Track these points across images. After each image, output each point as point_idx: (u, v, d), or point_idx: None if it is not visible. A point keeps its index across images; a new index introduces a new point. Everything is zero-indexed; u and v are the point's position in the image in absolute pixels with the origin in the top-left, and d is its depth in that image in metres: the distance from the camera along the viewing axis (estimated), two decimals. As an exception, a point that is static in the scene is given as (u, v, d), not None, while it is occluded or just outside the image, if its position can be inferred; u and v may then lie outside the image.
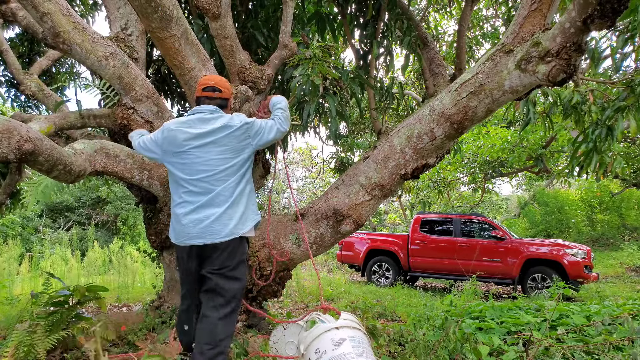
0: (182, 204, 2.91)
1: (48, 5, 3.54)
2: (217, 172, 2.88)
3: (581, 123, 5.03)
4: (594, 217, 20.99)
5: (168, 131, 2.96)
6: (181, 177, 2.91)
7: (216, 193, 2.85)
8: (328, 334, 2.58)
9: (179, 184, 2.94)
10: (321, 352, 2.50)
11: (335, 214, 3.91)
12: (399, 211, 24.36)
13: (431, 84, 5.56)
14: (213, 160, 2.88)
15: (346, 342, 2.51)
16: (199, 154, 2.88)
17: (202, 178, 2.87)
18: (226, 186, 2.88)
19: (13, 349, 3.03)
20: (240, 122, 2.95)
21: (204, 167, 2.87)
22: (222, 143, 2.90)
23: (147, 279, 9.58)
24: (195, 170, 2.88)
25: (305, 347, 2.63)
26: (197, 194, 2.87)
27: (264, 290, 4.16)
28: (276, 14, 5.58)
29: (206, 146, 2.89)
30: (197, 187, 2.87)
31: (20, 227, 16.40)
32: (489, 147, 11.95)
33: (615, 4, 2.51)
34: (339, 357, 2.42)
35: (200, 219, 2.83)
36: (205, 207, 2.85)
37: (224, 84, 3.11)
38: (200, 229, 2.82)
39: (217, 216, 2.83)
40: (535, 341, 3.20)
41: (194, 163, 2.88)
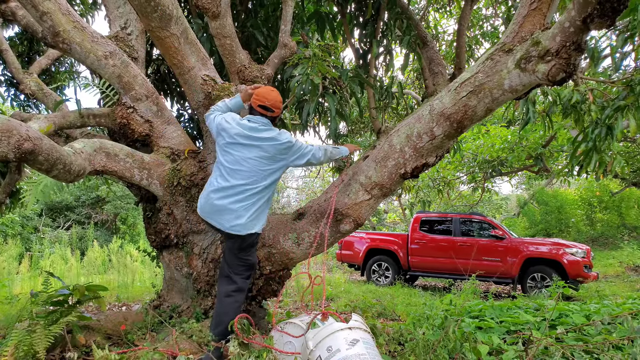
0: (213, 184, 3.38)
1: (47, 4, 3.54)
2: (251, 171, 3.33)
3: (581, 122, 5.03)
4: (594, 216, 21.01)
5: (228, 123, 3.41)
6: (222, 162, 3.38)
7: (243, 186, 3.31)
8: (341, 333, 2.62)
9: (218, 167, 3.41)
10: (334, 350, 2.52)
11: (335, 213, 3.91)
12: (398, 210, 24.37)
13: (431, 83, 5.56)
14: (252, 160, 3.33)
15: (360, 344, 2.55)
16: (243, 151, 3.34)
17: (237, 170, 3.32)
18: (253, 185, 3.33)
19: (13, 348, 3.03)
20: (285, 139, 3.40)
21: (243, 162, 3.32)
22: (264, 149, 3.35)
23: (146, 278, 9.58)
24: (235, 161, 3.33)
25: (316, 343, 2.64)
26: (228, 181, 3.32)
27: (263, 289, 4.17)
28: (276, 13, 5.58)
29: (251, 147, 3.34)
30: (231, 175, 3.32)
31: (20, 227, 16.40)
32: (489, 147, 11.96)
33: (614, 3, 2.50)
34: (354, 356, 2.45)
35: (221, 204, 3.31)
36: (230, 195, 3.31)
37: (277, 104, 3.48)
38: (218, 211, 3.32)
39: (235, 207, 3.30)
40: (535, 340, 3.20)
41: (236, 155, 3.34)
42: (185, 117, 6.39)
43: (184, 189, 3.99)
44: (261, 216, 3.47)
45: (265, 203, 3.47)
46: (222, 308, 3.34)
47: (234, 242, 3.43)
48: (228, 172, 3.33)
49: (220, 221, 3.34)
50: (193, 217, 4.09)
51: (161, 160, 4.11)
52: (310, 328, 2.83)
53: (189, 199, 4.02)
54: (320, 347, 2.61)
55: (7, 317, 4.65)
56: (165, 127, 4.36)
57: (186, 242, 4.22)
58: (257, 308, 4.35)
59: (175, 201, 4.07)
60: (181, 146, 4.32)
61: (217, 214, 3.34)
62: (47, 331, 3.20)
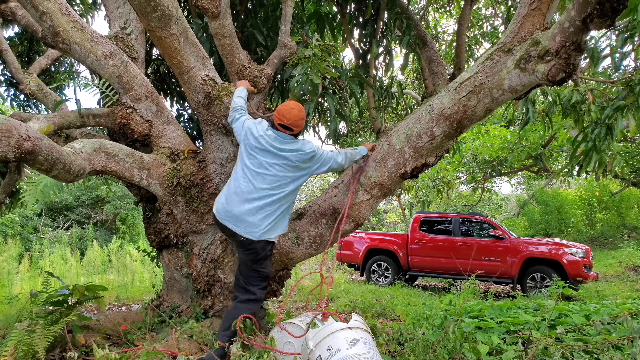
0: (236, 186, 3.34)
1: (47, 4, 3.54)
2: (275, 176, 3.32)
3: (580, 122, 5.03)
4: (593, 216, 21.01)
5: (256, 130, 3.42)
6: (247, 164, 3.36)
7: (266, 191, 3.29)
8: (342, 332, 2.61)
9: (242, 169, 3.38)
10: (334, 350, 2.52)
11: (335, 213, 3.91)
12: (398, 210, 24.38)
13: (430, 83, 5.56)
14: (277, 166, 3.33)
15: (360, 343, 2.54)
16: (268, 157, 3.34)
17: (262, 173, 3.31)
18: (276, 190, 3.32)
19: (12, 348, 3.03)
20: (309, 150, 3.40)
21: (268, 167, 3.32)
22: (289, 159, 3.35)
23: (146, 278, 9.58)
24: (259, 164, 3.33)
25: (316, 343, 2.63)
26: (252, 183, 3.30)
27: (263, 289, 4.17)
28: (275, 13, 5.57)
29: (276, 156, 3.34)
30: (255, 179, 3.31)
31: (20, 226, 16.39)
32: (489, 147, 11.96)
33: (614, 3, 2.51)
34: (354, 356, 2.45)
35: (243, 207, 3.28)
36: (253, 199, 3.28)
37: (297, 122, 3.41)
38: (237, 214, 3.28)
39: (256, 211, 3.28)
40: (535, 340, 3.20)
41: (262, 160, 3.33)
42: (185, 117, 6.39)
43: (183, 189, 3.99)
44: (280, 223, 3.42)
45: (285, 210, 3.44)
46: (236, 314, 3.21)
47: (249, 253, 3.37)
48: (253, 175, 3.32)
49: (238, 224, 3.28)
50: (193, 217, 4.09)
51: (161, 160, 4.11)
52: (310, 328, 2.84)
53: (188, 199, 4.02)
54: (321, 346, 2.61)
55: (7, 317, 4.64)
56: (165, 127, 4.36)
57: (186, 242, 4.22)
58: (257, 308, 4.35)
59: (175, 201, 4.07)
60: (181, 146, 4.32)
61: (236, 217, 3.29)
62: (46, 331, 3.20)
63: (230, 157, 4.02)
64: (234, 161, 4.03)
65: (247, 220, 3.27)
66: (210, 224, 4.12)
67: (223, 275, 4.11)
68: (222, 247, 4.18)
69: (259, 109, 4.40)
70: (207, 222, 4.10)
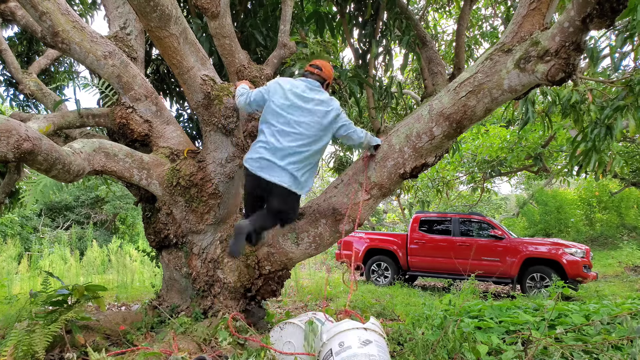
0: (265, 144, 3.44)
1: (47, 4, 3.54)
2: (301, 134, 3.41)
3: (580, 122, 5.03)
4: (593, 216, 21.02)
5: (278, 84, 3.52)
6: (273, 124, 3.44)
7: (293, 149, 3.40)
8: (356, 331, 2.64)
9: (269, 127, 3.47)
10: (345, 346, 2.56)
11: (334, 213, 3.91)
12: (397, 210, 24.38)
13: (430, 83, 5.56)
14: (304, 124, 3.42)
15: (372, 345, 2.57)
16: (296, 114, 3.43)
17: (289, 132, 3.40)
18: (303, 148, 3.43)
19: (12, 348, 3.03)
20: (335, 106, 3.53)
21: (295, 125, 3.41)
22: (315, 113, 3.44)
23: (145, 278, 9.58)
24: (287, 123, 3.41)
25: (329, 337, 2.67)
26: (280, 142, 3.40)
27: (262, 289, 4.17)
28: (275, 13, 5.58)
29: (304, 110, 3.43)
30: (283, 136, 3.40)
31: (19, 226, 16.37)
32: (488, 147, 11.96)
33: (614, 3, 2.51)
34: (363, 356, 2.48)
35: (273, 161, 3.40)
36: (283, 157, 3.40)
37: (327, 66, 3.65)
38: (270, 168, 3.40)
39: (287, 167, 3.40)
40: (534, 340, 3.20)
41: (289, 117, 3.42)
42: (185, 117, 6.39)
43: (183, 189, 3.99)
44: (308, 181, 3.58)
45: (312, 168, 3.60)
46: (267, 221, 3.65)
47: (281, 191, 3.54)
48: (280, 133, 3.41)
49: (271, 173, 3.41)
50: (192, 217, 4.08)
51: (160, 160, 4.11)
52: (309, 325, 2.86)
53: (188, 199, 4.02)
54: (333, 341, 2.64)
55: (7, 317, 4.64)
56: (164, 127, 4.36)
57: (185, 242, 4.22)
58: (257, 308, 4.35)
59: (175, 201, 4.07)
60: (180, 146, 4.32)
61: (269, 169, 3.42)
62: (46, 331, 3.20)
63: (230, 157, 4.02)
64: (233, 161, 4.03)
65: (279, 173, 3.41)
66: (210, 224, 4.12)
67: (223, 275, 4.11)
68: (221, 247, 4.18)
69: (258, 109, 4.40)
70: (207, 222, 4.10)
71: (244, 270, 4.13)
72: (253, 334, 3.54)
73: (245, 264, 4.12)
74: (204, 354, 3.23)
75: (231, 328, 3.02)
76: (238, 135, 4.04)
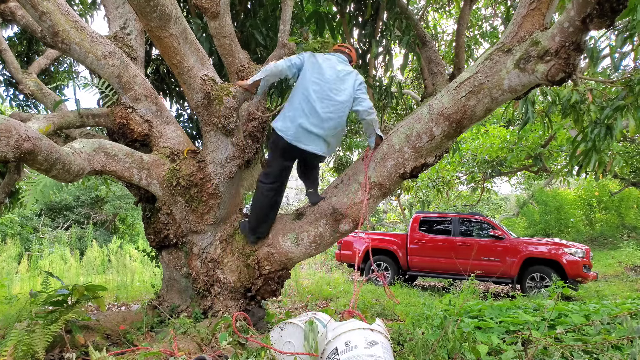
0: (301, 112, 3.70)
1: (47, 4, 3.54)
2: (335, 102, 3.73)
3: (580, 122, 5.03)
4: (593, 216, 21.02)
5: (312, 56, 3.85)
6: (309, 92, 3.71)
7: (328, 116, 3.70)
8: (362, 332, 2.64)
9: (305, 97, 3.72)
10: (352, 345, 2.56)
11: (334, 213, 3.91)
12: (397, 210, 24.37)
13: (430, 83, 5.56)
14: (335, 91, 3.74)
15: (378, 346, 2.56)
16: (330, 82, 3.74)
17: (324, 99, 3.70)
18: (336, 114, 3.74)
19: (12, 348, 3.03)
20: (361, 78, 3.89)
21: (330, 93, 3.72)
22: (346, 82, 3.79)
23: (145, 278, 9.57)
24: (322, 91, 3.71)
25: (335, 336, 2.67)
26: (316, 110, 3.68)
27: (262, 289, 4.17)
28: (275, 13, 5.58)
29: (336, 80, 3.76)
30: (318, 104, 3.68)
31: (19, 226, 16.37)
32: (488, 147, 11.95)
33: (613, 3, 2.51)
34: (369, 356, 2.47)
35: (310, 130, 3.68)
36: (317, 124, 3.69)
37: (354, 50, 4.17)
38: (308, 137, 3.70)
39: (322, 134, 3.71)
40: (534, 340, 3.20)
41: (324, 86, 3.72)
42: (185, 117, 6.39)
43: (183, 189, 3.99)
44: (337, 145, 4.07)
45: (340, 132, 3.89)
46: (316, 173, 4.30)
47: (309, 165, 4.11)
48: (316, 101, 3.68)
49: (308, 143, 3.70)
50: (192, 217, 4.08)
51: (160, 160, 4.11)
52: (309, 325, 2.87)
53: (188, 199, 4.02)
54: (339, 340, 2.64)
55: (7, 317, 4.64)
56: (164, 127, 4.36)
57: (185, 242, 4.22)
58: (257, 308, 4.35)
59: (175, 201, 4.07)
60: (180, 146, 4.32)
61: (307, 139, 3.70)
62: (46, 331, 3.20)
63: (230, 157, 4.02)
64: (233, 161, 4.03)
65: (317, 141, 3.72)
66: (210, 224, 4.12)
67: (223, 275, 4.11)
68: (221, 247, 4.18)
69: (258, 109, 4.40)
70: (207, 222, 4.10)
71: (244, 270, 4.13)
72: (253, 333, 3.54)
73: (245, 264, 4.12)
74: (204, 354, 3.23)
75: (234, 328, 3.02)
76: (238, 135, 4.04)
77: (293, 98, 3.80)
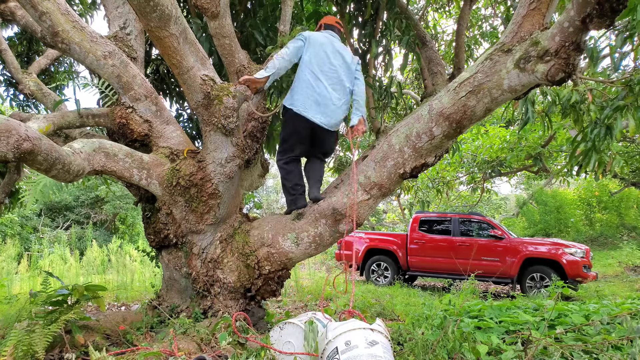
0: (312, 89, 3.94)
1: (46, 4, 3.54)
2: (340, 77, 4.02)
3: (580, 122, 5.03)
4: (593, 216, 21.02)
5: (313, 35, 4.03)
6: (316, 70, 3.95)
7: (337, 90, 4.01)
8: (363, 331, 2.65)
9: (313, 74, 3.95)
10: (352, 345, 2.56)
11: (334, 213, 3.91)
12: (397, 210, 24.38)
13: (430, 83, 5.56)
14: (339, 67, 4.03)
15: (379, 346, 2.57)
16: (333, 59, 4.00)
17: (331, 76, 3.97)
18: (343, 88, 4.05)
19: (12, 348, 3.03)
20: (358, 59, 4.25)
21: (335, 68, 4.00)
22: (345, 58, 4.08)
23: (145, 278, 9.57)
24: (328, 68, 3.97)
25: (335, 336, 2.67)
26: (325, 86, 3.94)
27: (262, 289, 4.17)
28: (275, 13, 5.58)
29: (337, 56, 4.03)
30: (326, 81, 3.95)
31: (19, 226, 16.38)
32: (488, 147, 11.96)
33: (613, 3, 2.51)
34: (369, 356, 2.48)
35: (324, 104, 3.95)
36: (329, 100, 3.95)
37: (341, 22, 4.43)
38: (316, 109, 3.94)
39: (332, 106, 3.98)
40: (534, 340, 3.20)
41: (327, 62, 3.98)
42: (184, 117, 6.39)
43: (183, 189, 3.99)
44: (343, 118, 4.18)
45: (345, 106, 4.12)
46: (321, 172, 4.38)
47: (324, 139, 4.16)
48: (324, 78, 3.94)
49: (314, 115, 3.93)
50: (192, 217, 4.08)
51: (160, 160, 4.11)
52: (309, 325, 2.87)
53: (188, 199, 4.02)
54: (339, 339, 2.64)
55: (6, 317, 4.64)
56: (164, 127, 4.36)
57: (185, 242, 4.22)
58: (256, 308, 4.35)
59: (174, 201, 4.07)
60: (180, 146, 4.31)
61: (314, 110, 3.93)
62: (46, 331, 3.20)
63: (230, 157, 4.01)
64: (233, 161, 4.03)
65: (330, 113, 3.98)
66: (210, 224, 4.12)
67: (222, 275, 4.11)
68: (221, 247, 4.18)
69: (258, 109, 4.40)
70: (207, 222, 4.10)
71: (244, 270, 4.13)
72: (253, 333, 3.54)
73: (245, 264, 4.12)
74: (204, 354, 3.23)
75: (234, 328, 3.02)
76: (238, 135, 4.04)
77: (299, 75, 4.02)
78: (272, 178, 29.98)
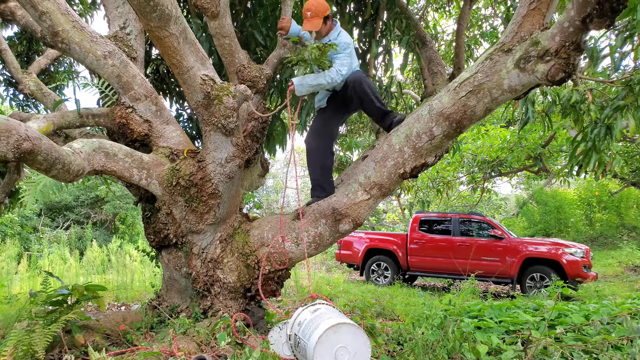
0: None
1: (46, 4, 3.54)
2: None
3: (580, 122, 5.03)
4: (593, 216, 21.02)
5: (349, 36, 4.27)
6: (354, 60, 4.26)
7: None
8: (307, 309, 3.05)
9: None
10: (303, 321, 2.94)
11: (334, 213, 3.91)
12: (397, 210, 24.39)
13: (430, 83, 5.56)
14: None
15: (322, 308, 2.99)
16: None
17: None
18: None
19: (12, 348, 3.03)
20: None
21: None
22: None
23: (145, 278, 9.57)
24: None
25: (291, 326, 3.06)
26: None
27: (262, 289, 4.16)
28: (275, 13, 5.57)
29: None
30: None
31: (19, 226, 16.37)
32: (488, 147, 11.96)
33: (613, 3, 2.51)
34: (316, 317, 2.85)
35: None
36: None
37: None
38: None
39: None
40: (534, 340, 3.20)
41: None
42: (184, 117, 6.39)
43: (182, 189, 3.99)
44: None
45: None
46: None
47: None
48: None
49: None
50: (192, 217, 4.08)
51: (160, 160, 4.11)
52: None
53: (187, 199, 4.02)
54: (294, 326, 3.02)
55: (6, 317, 4.64)
56: (164, 127, 4.36)
57: (185, 242, 4.22)
58: (256, 308, 4.35)
59: (174, 201, 4.07)
60: (180, 146, 4.31)
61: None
62: (46, 331, 3.20)
63: (230, 157, 4.01)
64: (233, 161, 4.03)
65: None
66: (210, 223, 4.12)
67: (222, 275, 4.11)
68: (221, 247, 4.18)
69: (258, 109, 4.40)
70: (207, 222, 4.10)
71: (244, 270, 4.13)
72: (253, 334, 3.54)
73: (245, 264, 4.12)
74: (204, 354, 3.23)
75: (233, 328, 3.03)
76: (238, 135, 4.04)
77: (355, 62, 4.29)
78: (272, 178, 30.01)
